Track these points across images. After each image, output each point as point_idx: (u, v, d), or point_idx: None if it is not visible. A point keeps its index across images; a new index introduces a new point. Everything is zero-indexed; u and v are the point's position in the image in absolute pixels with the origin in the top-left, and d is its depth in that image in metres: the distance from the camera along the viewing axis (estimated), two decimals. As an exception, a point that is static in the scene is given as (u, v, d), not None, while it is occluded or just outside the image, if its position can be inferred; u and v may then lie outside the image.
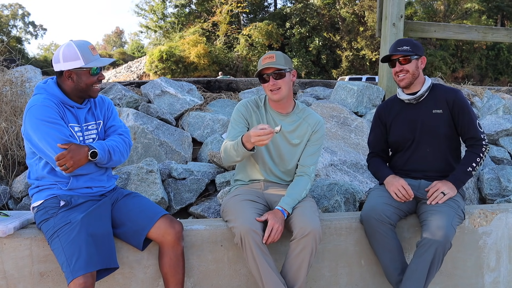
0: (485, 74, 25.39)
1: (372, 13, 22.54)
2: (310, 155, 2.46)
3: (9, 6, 47.87)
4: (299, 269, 2.18)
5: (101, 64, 2.12)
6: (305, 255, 2.16)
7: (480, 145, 2.48)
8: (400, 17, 4.88)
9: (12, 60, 4.13)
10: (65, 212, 2.05)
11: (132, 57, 41.87)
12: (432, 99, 2.54)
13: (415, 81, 2.52)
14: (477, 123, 2.49)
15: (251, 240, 2.11)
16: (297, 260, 2.17)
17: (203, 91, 5.08)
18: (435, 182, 2.47)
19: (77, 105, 2.18)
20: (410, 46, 2.47)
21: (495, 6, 26.79)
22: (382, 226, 2.37)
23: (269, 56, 2.33)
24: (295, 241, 2.17)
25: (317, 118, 2.49)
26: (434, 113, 2.52)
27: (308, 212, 2.24)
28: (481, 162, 2.48)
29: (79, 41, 2.13)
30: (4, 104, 3.37)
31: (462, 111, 2.48)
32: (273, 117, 2.46)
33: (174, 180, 3.26)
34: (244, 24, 26.93)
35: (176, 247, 2.16)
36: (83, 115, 2.20)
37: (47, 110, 2.02)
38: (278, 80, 2.32)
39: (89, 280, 1.87)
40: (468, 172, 2.45)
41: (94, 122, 2.25)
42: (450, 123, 2.51)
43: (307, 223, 2.16)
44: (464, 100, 2.51)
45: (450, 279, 2.67)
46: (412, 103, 2.58)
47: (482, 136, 2.48)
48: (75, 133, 2.14)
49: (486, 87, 6.08)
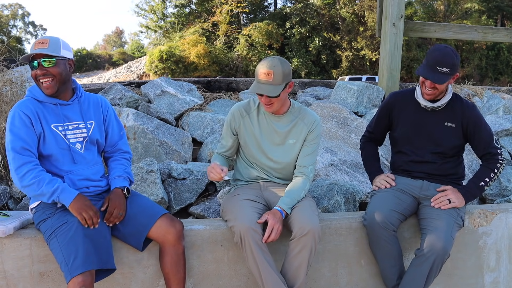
0: (485, 74, 25.38)
1: (372, 13, 22.52)
2: (307, 155, 2.44)
3: (9, 6, 47.91)
4: (299, 268, 2.18)
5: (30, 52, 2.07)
6: (304, 254, 2.16)
7: (496, 160, 2.44)
8: (400, 17, 4.88)
9: (12, 60, 4.13)
10: (62, 212, 2.05)
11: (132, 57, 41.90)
12: (447, 111, 2.48)
13: None
14: (493, 140, 2.45)
15: (250, 239, 2.12)
16: (296, 259, 2.18)
17: (203, 91, 5.08)
18: (447, 187, 2.46)
19: (61, 102, 2.14)
20: (450, 68, 2.29)
21: (495, 6, 26.78)
22: (386, 232, 2.36)
23: (267, 72, 2.20)
24: (295, 240, 2.17)
25: (313, 117, 2.45)
26: (446, 125, 2.47)
27: (307, 211, 2.24)
28: (495, 178, 2.44)
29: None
30: (4, 104, 3.37)
31: (478, 129, 2.44)
32: (267, 118, 2.44)
33: (174, 180, 3.26)
34: (244, 24, 26.92)
35: (177, 246, 2.16)
36: (70, 113, 2.17)
37: (15, 118, 2.05)
38: (272, 98, 2.27)
39: (88, 278, 1.87)
40: (481, 186, 2.43)
41: (83, 121, 2.20)
42: (460, 137, 2.48)
43: (306, 222, 2.17)
44: (480, 117, 2.46)
45: (450, 279, 2.67)
46: (427, 109, 2.52)
47: (498, 151, 2.44)
48: (59, 132, 2.12)
49: (486, 87, 6.08)
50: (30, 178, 2.00)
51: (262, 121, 2.44)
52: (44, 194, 2.01)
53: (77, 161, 2.16)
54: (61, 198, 2.02)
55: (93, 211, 2.02)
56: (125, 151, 2.39)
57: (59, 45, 2.08)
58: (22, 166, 2.00)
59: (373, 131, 2.74)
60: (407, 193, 2.52)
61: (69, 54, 2.14)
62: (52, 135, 2.10)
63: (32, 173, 2.00)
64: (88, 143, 2.21)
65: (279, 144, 2.44)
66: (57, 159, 2.12)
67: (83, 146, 2.19)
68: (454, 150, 2.51)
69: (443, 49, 2.32)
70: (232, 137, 2.50)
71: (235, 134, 2.49)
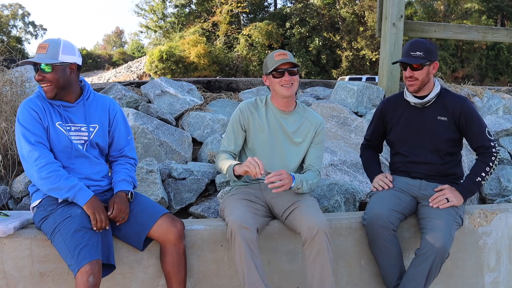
0: (485, 74, 25.37)
1: (372, 13, 22.51)
2: (318, 157, 2.51)
3: (9, 6, 47.89)
4: (323, 271, 2.15)
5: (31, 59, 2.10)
6: (323, 255, 2.14)
7: (490, 153, 2.43)
8: (400, 17, 4.87)
9: (12, 60, 4.12)
10: (64, 207, 2.06)
11: (132, 57, 41.88)
12: (438, 105, 2.50)
13: (424, 87, 2.49)
14: (486, 132, 2.45)
15: (240, 237, 2.10)
16: (318, 263, 2.15)
17: (203, 91, 5.07)
18: (445, 186, 2.47)
19: (64, 104, 2.16)
20: (423, 51, 2.39)
21: (495, 6, 26.76)
22: (385, 232, 2.36)
23: (282, 53, 2.40)
24: (308, 244, 2.15)
25: (319, 119, 2.52)
26: (439, 119, 2.49)
27: (311, 210, 2.24)
28: (491, 171, 2.44)
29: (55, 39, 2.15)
30: (4, 104, 3.37)
31: (470, 120, 2.45)
32: (275, 115, 2.47)
33: (174, 180, 3.26)
34: (244, 24, 26.91)
35: (178, 246, 2.17)
36: (74, 115, 2.18)
37: (24, 113, 2.09)
38: (292, 76, 2.38)
39: (96, 267, 1.87)
40: (477, 182, 2.43)
41: (86, 124, 2.21)
42: (454, 130, 2.49)
43: (313, 221, 2.15)
44: (472, 109, 2.47)
45: (450, 279, 2.67)
46: (417, 107, 2.55)
47: (491, 144, 2.44)
48: (64, 130, 2.15)
49: (486, 87, 6.08)
50: (48, 171, 2.03)
51: (270, 117, 2.47)
52: (61, 188, 2.03)
53: (78, 160, 2.18)
54: (78, 196, 2.05)
55: (105, 216, 2.05)
56: (131, 157, 2.40)
57: (58, 50, 2.08)
58: (40, 157, 2.04)
59: (370, 139, 2.79)
60: (406, 193, 2.52)
61: (71, 57, 2.12)
62: (55, 132, 2.13)
63: (51, 166, 2.04)
64: (88, 146, 2.22)
65: (287, 141, 2.46)
66: (59, 156, 2.14)
67: (85, 147, 2.21)
68: (450, 144, 2.50)
69: (415, 39, 2.47)
70: (241, 133, 2.49)
71: (244, 130, 2.49)
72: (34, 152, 2.03)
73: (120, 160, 2.38)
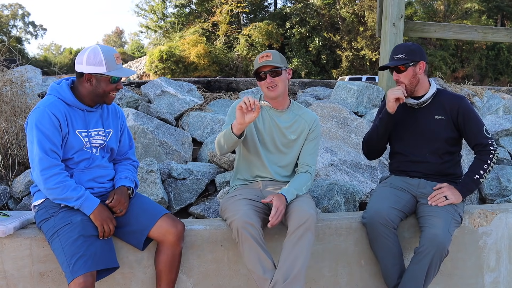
0: (485, 74, 25.36)
1: (372, 13, 22.51)
2: (310, 154, 2.50)
3: (9, 6, 47.89)
4: (296, 259, 2.12)
5: (123, 74, 2.13)
6: (300, 247, 2.13)
7: (488, 151, 2.44)
8: (400, 17, 4.88)
9: (12, 60, 4.13)
10: (65, 212, 2.06)
11: (132, 57, 41.86)
12: (436, 105, 2.52)
13: (416, 87, 2.49)
14: (483, 130, 2.45)
15: (247, 233, 2.11)
16: (294, 250, 2.14)
17: (203, 91, 5.07)
18: (443, 184, 2.47)
19: (88, 108, 2.18)
20: (405, 53, 2.43)
21: (495, 6, 26.76)
22: (386, 230, 2.37)
23: (265, 54, 2.39)
24: (289, 234, 2.16)
25: (313, 116, 2.54)
26: (436, 119, 2.50)
27: (304, 204, 2.25)
28: (490, 169, 2.44)
29: (106, 47, 2.13)
30: (4, 104, 3.37)
31: (467, 119, 2.46)
32: (269, 113, 2.50)
33: (174, 180, 3.26)
34: (244, 24, 26.90)
35: (176, 247, 2.17)
36: (93, 119, 2.21)
37: (44, 116, 2.04)
38: (275, 77, 2.38)
39: (89, 279, 1.89)
40: (476, 180, 2.43)
41: (103, 129, 2.25)
42: (452, 129, 2.50)
43: (303, 213, 2.17)
44: (469, 107, 2.48)
45: (450, 279, 2.67)
46: (414, 107, 2.57)
47: (489, 141, 2.44)
48: (82, 138, 2.16)
49: (486, 87, 6.08)
50: (55, 182, 2.03)
51: (265, 115, 2.50)
52: (67, 199, 2.04)
53: (90, 163, 2.20)
54: (84, 205, 2.05)
55: (113, 225, 2.07)
56: (134, 160, 2.45)
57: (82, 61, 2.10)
58: (49, 168, 2.03)
59: None
60: (405, 191, 2.53)
61: (82, 67, 2.10)
62: (74, 139, 2.13)
63: (58, 177, 2.04)
64: (103, 149, 2.26)
65: (281, 138, 2.48)
66: (72, 160, 2.15)
67: (98, 151, 2.24)
68: (449, 143, 2.51)
69: (399, 44, 2.51)
70: None
71: None
72: (45, 162, 2.02)
73: (123, 162, 2.42)
